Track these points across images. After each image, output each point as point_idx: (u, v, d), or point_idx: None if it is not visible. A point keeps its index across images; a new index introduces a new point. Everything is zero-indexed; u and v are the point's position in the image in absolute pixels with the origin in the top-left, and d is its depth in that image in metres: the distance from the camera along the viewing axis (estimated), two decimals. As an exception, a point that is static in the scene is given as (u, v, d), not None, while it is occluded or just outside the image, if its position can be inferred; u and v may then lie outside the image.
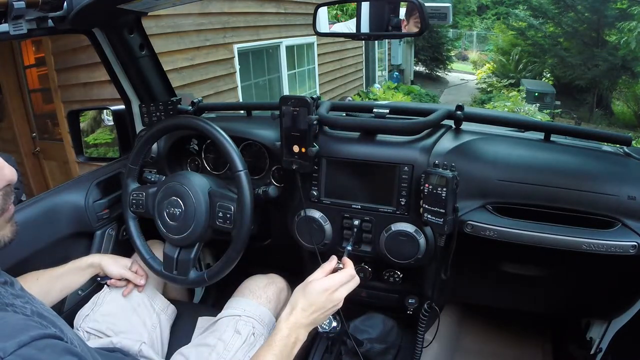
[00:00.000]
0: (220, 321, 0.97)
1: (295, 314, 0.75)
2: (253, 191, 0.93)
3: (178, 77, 3.45)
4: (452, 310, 1.45)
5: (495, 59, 12.79)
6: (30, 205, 1.02)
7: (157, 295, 1.05)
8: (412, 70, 11.71)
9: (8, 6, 0.77)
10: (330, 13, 1.04)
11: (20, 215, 0.96)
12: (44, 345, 0.45)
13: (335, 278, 0.78)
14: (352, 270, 0.81)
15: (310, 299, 0.76)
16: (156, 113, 1.21)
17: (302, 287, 0.78)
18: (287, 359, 0.72)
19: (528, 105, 7.88)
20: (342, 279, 0.79)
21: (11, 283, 0.57)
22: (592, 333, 1.19)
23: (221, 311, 1.01)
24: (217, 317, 0.99)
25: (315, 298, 0.76)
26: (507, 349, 1.38)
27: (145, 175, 1.10)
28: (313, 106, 0.94)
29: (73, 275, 0.95)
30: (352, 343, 1.12)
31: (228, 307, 1.01)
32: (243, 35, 4.34)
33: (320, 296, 0.76)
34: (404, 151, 0.95)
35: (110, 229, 1.19)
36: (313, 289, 0.76)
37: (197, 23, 3.65)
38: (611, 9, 9.11)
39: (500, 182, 0.91)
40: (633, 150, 0.96)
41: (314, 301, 0.76)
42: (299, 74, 5.89)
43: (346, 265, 0.83)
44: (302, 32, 5.56)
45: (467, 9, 20.73)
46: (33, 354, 0.43)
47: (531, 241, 0.86)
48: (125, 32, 1.06)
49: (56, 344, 0.48)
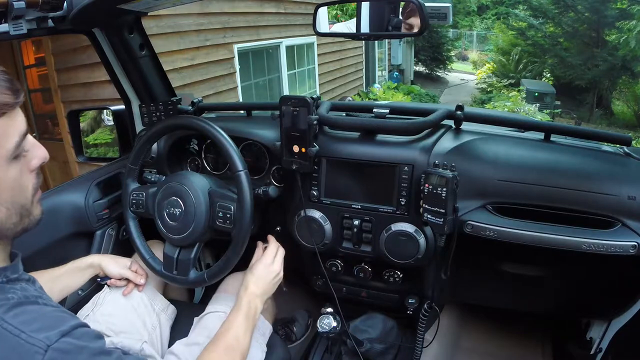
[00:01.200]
0: (206, 317, 0.98)
1: (249, 288, 0.91)
2: (253, 191, 0.93)
3: (178, 77, 3.45)
4: (452, 310, 1.45)
5: (495, 59, 12.79)
6: (30, 205, 1.02)
7: (157, 296, 1.05)
8: (412, 70, 11.70)
9: (8, 6, 0.77)
10: (330, 13, 1.04)
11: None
12: (81, 334, 0.52)
13: (267, 253, 0.98)
14: (275, 243, 1.01)
15: (256, 274, 0.94)
16: (156, 113, 1.21)
17: (249, 270, 0.96)
18: (252, 322, 0.87)
19: (528, 105, 7.87)
20: (272, 251, 0.98)
21: (33, 281, 0.60)
22: (592, 333, 1.18)
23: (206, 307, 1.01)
24: (203, 313, 1.00)
25: (260, 273, 0.94)
26: (507, 349, 1.38)
27: (145, 175, 1.10)
28: (313, 106, 0.94)
29: (73, 275, 0.95)
30: (352, 343, 1.12)
31: (213, 303, 1.02)
32: (243, 35, 4.34)
33: (263, 271, 0.95)
34: (404, 151, 0.95)
35: (110, 229, 1.19)
36: (256, 268, 0.95)
37: (197, 23, 3.65)
38: (611, 8, 9.10)
39: (500, 182, 0.91)
40: (633, 150, 0.96)
41: (260, 275, 0.94)
42: (299, 74, 5.89)
43: (270, 241, 1.01)
44: (302, 32, 5.56)
45: (467, 9, 20.73)
46: (73, 342, 0.50)
47: (531, 241, 0.86)
48: (125, 32, 1.06)
49: (89, 331, 0.55)
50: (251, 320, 0.87)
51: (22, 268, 0.60)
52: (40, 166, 0.60)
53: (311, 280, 1.24)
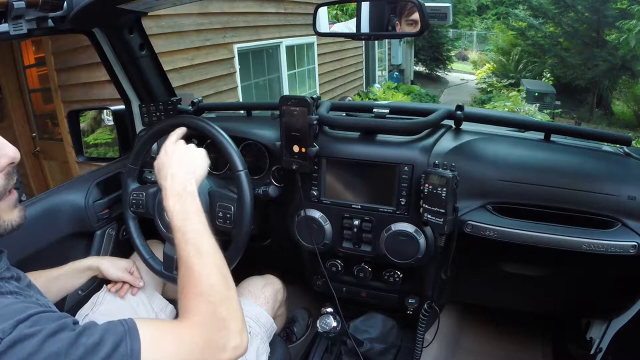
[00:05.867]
0: None
1: (164, 185, 0.76)
2: (253, 191, 0.93)
3: (178, 77, 3.45)
4: (452, 310, 1.45)
5: (495, 59, 12.79)
6: (30, 205, 1.02)
7: (155, 295, 1.05)
8: (412, 70, 11.71)
9: (8, 6, 0.77)
10: (330, 13, 1.04)
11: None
12: (38, 319, 0.47)
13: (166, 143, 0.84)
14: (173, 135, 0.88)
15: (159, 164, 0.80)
16: (156, 113, 1.21)
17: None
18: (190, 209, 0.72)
19: (528, 105, 7.87)
20: (171, 139, 0.85)
21: (18, 278, 0.58)
22: (592, 333, 1.18)
23: None
24: None
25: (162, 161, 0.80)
26: (507, 349, 1.38)
27: (145, 175, 1.10)
28: (313, 106, 0.94)
29: (71, 277, 0.95)
30: (352, 343, 1.12)
31: None
32: (243, 35, 4.34)
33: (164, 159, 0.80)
34: (404, 151, 0.95)
35: (110, 229, 1.19)
36: (157, 161, 0.81)
37: (197, 23, 3.65)
38: (611, 8, 9.09)
39: (500, 182, 0.91)
40: (633, 150, 0.96)
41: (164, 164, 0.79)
42: (299, 74, 5.89)
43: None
44: (302, 32, 5.56)
45: (467, 9, 20.73)
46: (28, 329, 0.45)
47: (531, 241, 0.86)
48: (125, 32, 1.06)
49: (50, 315, 0.49)
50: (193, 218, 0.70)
51: (4, 266, 0.57)
52: (11, 166, 0.55)
53: (311, 280, 1.24)
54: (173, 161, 0.79)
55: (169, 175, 0.76)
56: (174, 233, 0.70)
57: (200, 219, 0.71)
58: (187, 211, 0.71)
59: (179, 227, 0.70)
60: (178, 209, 0.72)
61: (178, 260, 0.68)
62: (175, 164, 0.78)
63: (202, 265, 0.65)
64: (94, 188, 1.15)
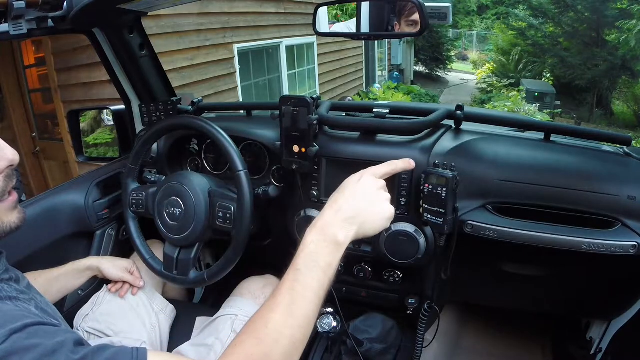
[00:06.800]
0: (218, 320, 0.98)
1: (322, 216, 0.62)
2: (253, 191, 0.93)
3: (178, 77, 3.45)
4: (452, 310, 1.45)
5: (495, 59, 12.80)
6: (30, 205, 1.02)
7: (156, 295, 1.05)
8: (412, 70, 11.71)
9: (8, 6, 0.77)
10: (330, 13, 1.03)
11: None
12: (36, 330, 0.45)
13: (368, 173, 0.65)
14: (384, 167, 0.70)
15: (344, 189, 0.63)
16: (156, 113, 1.21)
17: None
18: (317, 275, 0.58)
19: (528, 105, 7.87)
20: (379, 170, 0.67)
21: (16, 279, 0.57)
22: (592, 333, 1.19)
23: (219, 310, 1.01)
24: (215, 316, 0.99)
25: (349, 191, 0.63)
26: (507, 349, 1.38)
27: (145, 175, 1.10)
28: (313, 106, 0.94)
29: (71, 277, 0.95)
30: (352, 343, 1.12)
31: (226, 307, 1.01)
32: (243, 35, 4.34)
33: (352, 189, 0.63)
34: (404, 151, 0.95)
35: (110, 229, 1.19)
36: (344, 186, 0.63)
37: (197, 23, 3.65)
38: (611, 8, 9.10)
39: (500, 182, 0.91)
40: (633, 150, 0.96)
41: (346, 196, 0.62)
42: (299, 74, 5.89)
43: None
44: (302, 32, 5.56)
45: (467, 9, 20.74)
46: (23, 341, 0.43)
47: (531, 241, 0.86)
48: (125, 32, 1.06)
49: (49, 329, 0.46)
50: (315, 272, 0.58)
51: (3, 268, 0.57)
52: (10, 168, 0.54)
53: (311, 280, 1.24)
54: (359, 201, 0.63)
55: (342, 212, 0.62)
56: (290, 267, 0.60)
57: (322, 278, 0.59)
58: (318, 260, 0.59)
59: (297, 268, 0.59)
60: (312, 249, 0.60)
61: (271, 295, 0.58)
62: (360, 206, 0.63)
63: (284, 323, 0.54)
64: (93, 188, 1.15)
